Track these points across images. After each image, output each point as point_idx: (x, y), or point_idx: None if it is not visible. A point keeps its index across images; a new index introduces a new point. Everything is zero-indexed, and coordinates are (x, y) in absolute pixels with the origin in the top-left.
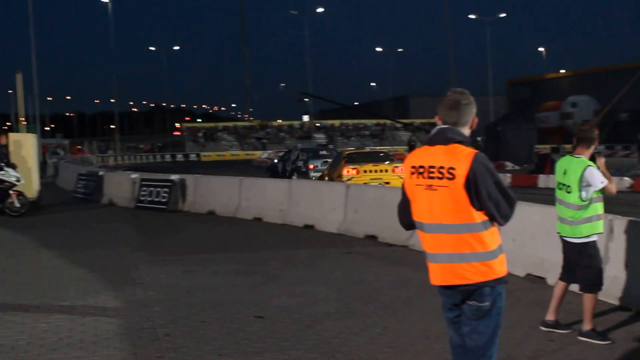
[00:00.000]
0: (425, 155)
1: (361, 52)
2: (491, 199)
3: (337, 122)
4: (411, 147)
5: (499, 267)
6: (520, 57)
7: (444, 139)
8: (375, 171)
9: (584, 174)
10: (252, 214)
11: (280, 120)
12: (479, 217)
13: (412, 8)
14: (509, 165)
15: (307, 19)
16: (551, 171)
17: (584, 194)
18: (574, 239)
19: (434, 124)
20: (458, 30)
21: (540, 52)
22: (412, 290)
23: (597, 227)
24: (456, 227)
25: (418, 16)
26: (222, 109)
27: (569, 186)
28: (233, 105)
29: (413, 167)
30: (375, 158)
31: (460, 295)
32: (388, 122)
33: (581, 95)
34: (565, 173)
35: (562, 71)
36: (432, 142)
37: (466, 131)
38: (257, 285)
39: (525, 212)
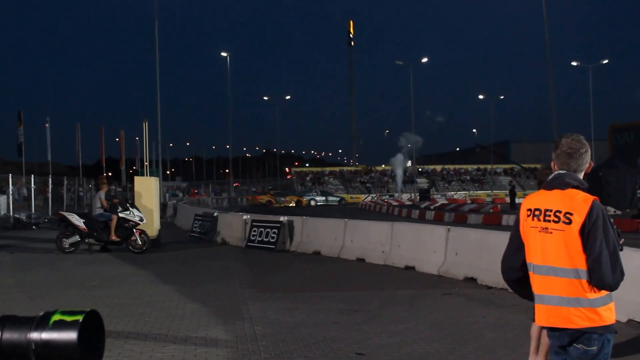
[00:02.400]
0: (542, 198)
1: (463, 99)
2: (600, 252)
3: (438, 167)
4: (512, 191)
5: (607, 315)
6: (623, 103)
7: (562, 183)
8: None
9: None
10: (356, 255)
11: (384, 165)
12: None
13: (514, 56)
14: (611, 210)
15: (412, 68)
16: None
17: None
18: None
19: (535, 169)
20: (560, 76)
21: None
22: (511, 333)
23: None
24: (567, 271)
25: (520, 63)
26: (329, 154)
27: None
28: (339, 150)
29: (529, 209)
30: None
31: (568, 338)
32: (489, 167)
33: None
34: None
35: None
36: (549, 186)
37: (581, 176)
38: (359, 323)
39: (628, 256)
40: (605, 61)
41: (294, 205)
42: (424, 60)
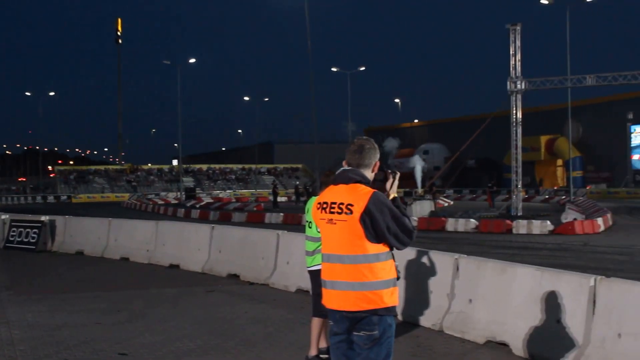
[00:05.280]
0: (330, 193)
1: (230, 101)
2: (390, 232)
3: (204, 167)
4: (274, 190)
5: (389, 298)
6: (378, 107)
7: (346, 178)
8: None
9: None
10: (120, 254)
11: (150, 164)
12: (373, 249)
13: (279, 60)
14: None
15: (179, 68)
16: None
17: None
18: (311, 267)
19: (297, 169)
20: (321, 81)
21: (396, 102)
22: (271, 327)
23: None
24: (352, 257)
25: (284, 68)
26: (95, 152)
27: (310, 222)
28: (105, 149)
29: (319, 203)
30: None
31: (348, 322)
32: (253, 166)
33: (433, 143)
34: (308, 211)
35: (416, 121)
36: (336, 181)
37: (368, 173)
38: (122, 323)
39: (406, 255)
40: (363, 68)
41: None
42: (192, 60)
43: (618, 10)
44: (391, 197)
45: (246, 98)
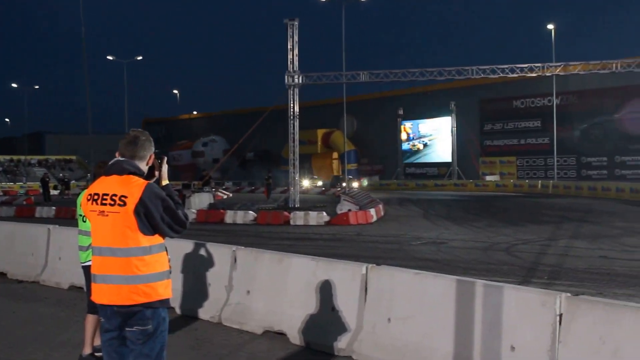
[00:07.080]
0: (102, 184)
1: None
2: (164, 222)
3: None
4: (45, 183)
5: (163, 290)
6: (157, 98)
7: (120, 169)
8: None
9: None
10: None
11: None
12: (147, 241)
13: (52, 46)
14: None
15: None
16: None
17: None
18: (86, 263)
19: (70, 161)
20: (97, 70)
21: (175, 94)
22: (43, 326)
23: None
24: (125, 250)
25: (57, 54)
26: None
27: (83, 215)
28: None
29: (90, 194)
30: None
31: (121, 318)
32: (22, 158)
33: (212, 136)
34: (79, 205)
35: (195, 113)
36: (109, 172)
37: (143, 165)
38: None
39: (180, 247)
40: (140, 57)
41: None
42: None
43: (390, 10)
44: (163, 183)
45: (14, 85)
